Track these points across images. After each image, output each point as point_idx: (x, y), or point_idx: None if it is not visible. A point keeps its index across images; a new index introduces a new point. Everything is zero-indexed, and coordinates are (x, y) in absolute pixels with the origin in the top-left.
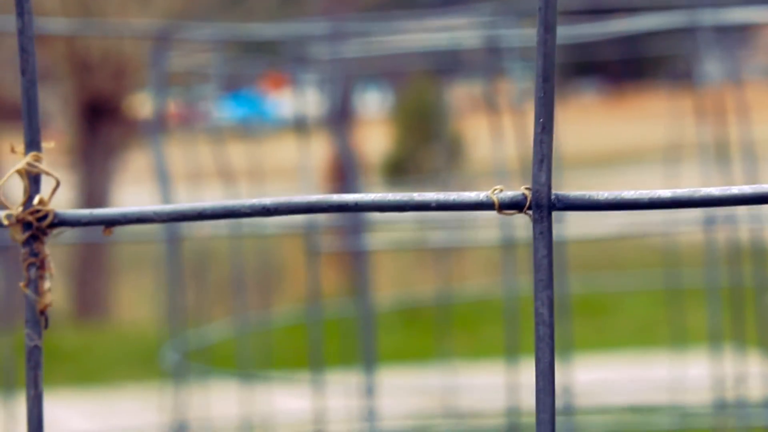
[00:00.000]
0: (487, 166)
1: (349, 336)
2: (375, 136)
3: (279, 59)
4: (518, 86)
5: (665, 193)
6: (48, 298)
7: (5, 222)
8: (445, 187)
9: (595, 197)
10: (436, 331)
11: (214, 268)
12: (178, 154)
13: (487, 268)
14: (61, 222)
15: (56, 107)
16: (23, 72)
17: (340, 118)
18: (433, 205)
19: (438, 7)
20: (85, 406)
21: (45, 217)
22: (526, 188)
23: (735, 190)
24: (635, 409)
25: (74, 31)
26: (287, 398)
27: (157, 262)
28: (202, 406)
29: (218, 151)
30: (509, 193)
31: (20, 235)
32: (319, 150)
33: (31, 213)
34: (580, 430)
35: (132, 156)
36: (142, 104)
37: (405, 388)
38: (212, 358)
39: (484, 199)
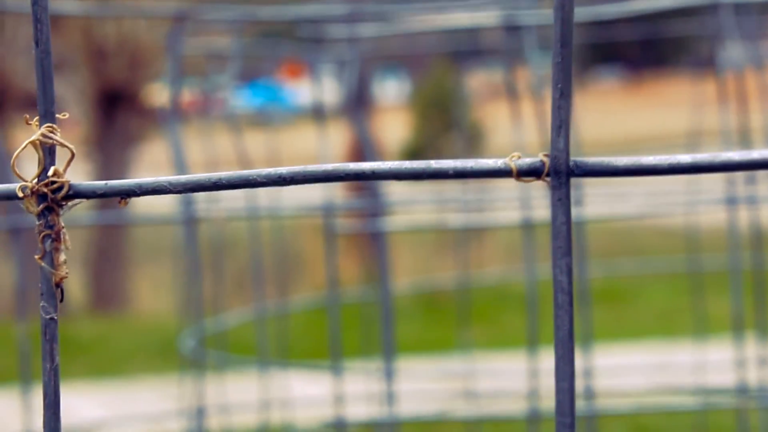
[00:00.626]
0: (507, 153)
1: (369, 323)
2: (393, 124)
3: (297, 44)
4: (537, 72)
5: (685, 158)
6: (63, 270)
7: (20, 194)
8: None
9: (614, 163)
10: (455, 317)
11: (231, 254)
12: (195, 143)
13: (507, 254)
14: (76, 194)
15: (72, 96)
16: (37, 42)
17: (359, 104)
18: (451, 172)
19: None
20: (102, 397)
21: (60, 188)
22: (544, 155)
23: (756, 154)
24: (657, 393)
25: (89, 13)
26: (306, 385)
27: (174, 250)
28: (220, 393)
29: (236, 139)
30: (527, 160)
31: (35, 207)
32: (337, 138)
33: (46, 185)
34: (602, 413)
35: (149, 145)
36: (159, 93)
37: (424, 373)
38: (231, 345)
39: (502, 165)
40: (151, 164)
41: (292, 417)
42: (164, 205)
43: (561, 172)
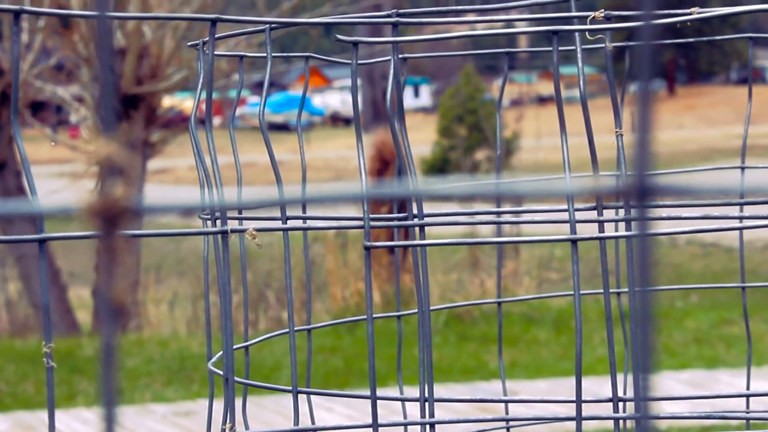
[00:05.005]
0: (538, 162)
1: (391, 344)
2: (415, 133)
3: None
4: (582, 77)
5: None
6: (123, 292)
7: (80, 212)
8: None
9: (696, 185)
10: (484, 338)
11: (253, 269)
12: (220, 151)
13: (539, 272)
14: (137, 212)
15: (88, 102)
16: (100, 58)
17: (395, 111)
18: (526, 193)
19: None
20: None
21: (120, 206)
22: (623, 174)
23: None
24: (702, 421)
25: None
26: (335, 407)
27: (178, 265)
28: (247, 419)
29: (260, 148)
30: (608, 180)
31: (96, 226)
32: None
33: (107, 203)
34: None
35: (171, 153)
36: (173, 100)
37: (460, 397)
38: (259, 366)
39: (580, 186)
40: (163, 172)
41: None
42: (174, 218)
43: (642, 193)
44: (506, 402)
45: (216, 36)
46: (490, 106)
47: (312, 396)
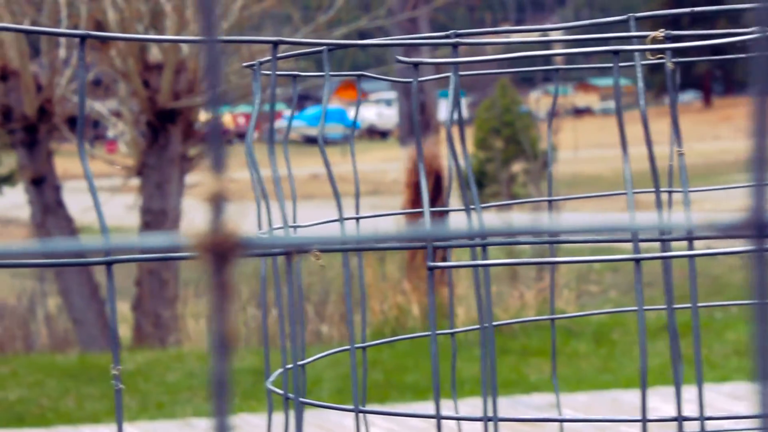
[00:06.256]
0: (576, 174)
1: (426, 359)
2: (457, 144)
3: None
4: (641, 89)
5: None
6: (233, 324)
7: (191, 248)
8: (535, 195)
9: None
10: (527, 353)
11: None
12: (260, 166)
13: (578, 284)
14: (248, 246)
15: (125, 117)
16: (210, 83)
17: (454, 124)
18: (643, 225)
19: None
20: None
21: (231, 242)
22: (744, 209)
23: None
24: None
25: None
26: (376, 420)
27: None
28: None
29: (297, 161)
30: (725, 215)
31: (207, 261)
32: (397, 158)
33: (218, 238)
34: None
35: (199, 169)
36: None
37: (518, 416)
38: (315, 383)
39: (699, 221)
40: (200, 187)
41: None
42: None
43: (761, 227)
44: (559, 421)
45: (277, 56)
46: (527, 118)
47: (363, 413)
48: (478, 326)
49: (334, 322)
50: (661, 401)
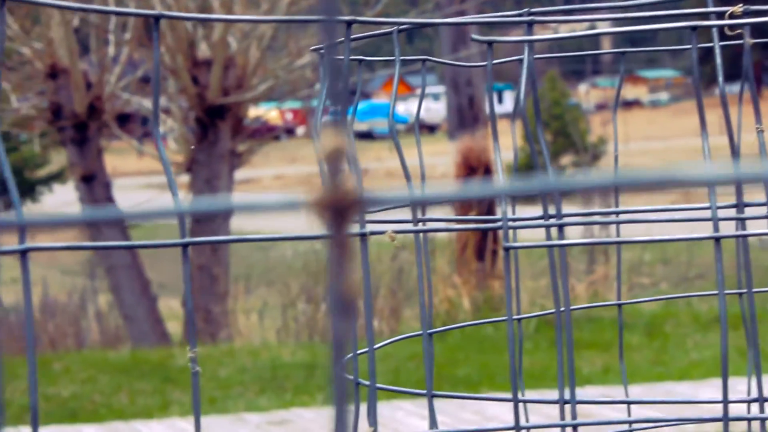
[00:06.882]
0: (627, 166)
1: (485, 349)
2: (505, 137)
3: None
4: (721, 75)
5: None
6: (353, 282)
7: (311, 206)
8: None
9: None
10: (578, 345)
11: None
12: (302, 159)
13: (630, 276)
14: (366, 202)
15: (174, 114)
16: (326, 59)
17: (535, 112)
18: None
19: None
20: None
21: (350, 199)
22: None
23: None
24: None
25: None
26: (424, 412)
27: (276, 274)
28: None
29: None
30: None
31: (326, 218)
32: (445, 152)
33: (336, 195)
34: None
35: (255, 163)
36: (265, 110)
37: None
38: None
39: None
40: (248, 182)
41: None
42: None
43: None
44: (628, 403)
45: (351, 37)
46: (576, 110)
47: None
48: (553, 311)
49: (384, 317)
50: (715, 392)
